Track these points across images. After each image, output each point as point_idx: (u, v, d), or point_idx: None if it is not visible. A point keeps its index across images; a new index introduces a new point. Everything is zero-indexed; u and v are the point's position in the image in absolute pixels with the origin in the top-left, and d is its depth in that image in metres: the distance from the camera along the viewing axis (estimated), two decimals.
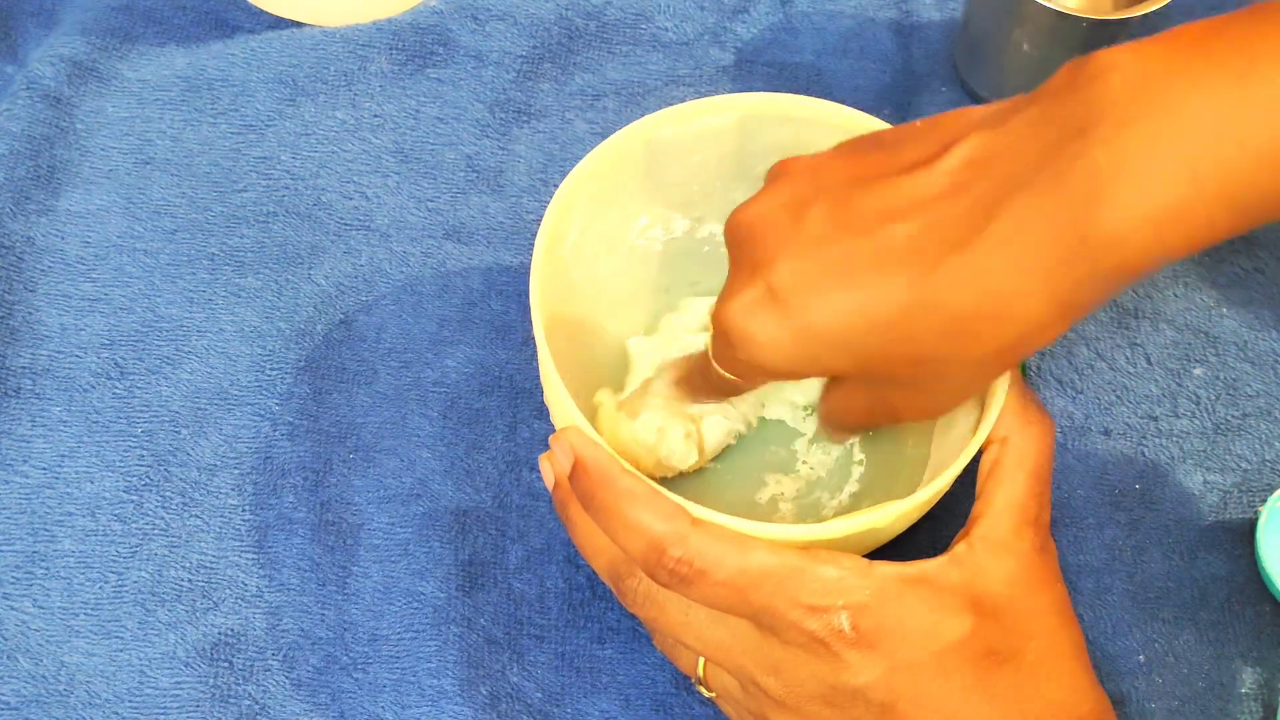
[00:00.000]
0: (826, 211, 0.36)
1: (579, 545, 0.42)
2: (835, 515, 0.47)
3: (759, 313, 0.36)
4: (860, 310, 0.35)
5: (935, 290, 0.34)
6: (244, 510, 0.50)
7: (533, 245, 0.50)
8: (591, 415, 0.47)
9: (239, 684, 0.47)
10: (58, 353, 0.53)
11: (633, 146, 0.47)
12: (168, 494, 0.51)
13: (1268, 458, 0.52)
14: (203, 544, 0.50)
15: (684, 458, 0.48)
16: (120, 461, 0.51)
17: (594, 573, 0.49)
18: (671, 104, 0.48)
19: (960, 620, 0.37)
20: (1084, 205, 0.32)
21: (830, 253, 0.35)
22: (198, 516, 0.50)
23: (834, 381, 0.42)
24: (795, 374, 0.38)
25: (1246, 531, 0.50)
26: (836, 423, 0.43)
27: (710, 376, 0.40)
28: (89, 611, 0.48)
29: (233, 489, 0.51)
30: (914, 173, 0.36)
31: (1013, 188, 0.33)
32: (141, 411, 0.52)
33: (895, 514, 0.40)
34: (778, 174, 0.39)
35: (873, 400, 0.40)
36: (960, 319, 0.34)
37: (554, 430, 0.41)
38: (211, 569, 0.49)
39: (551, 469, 0.41)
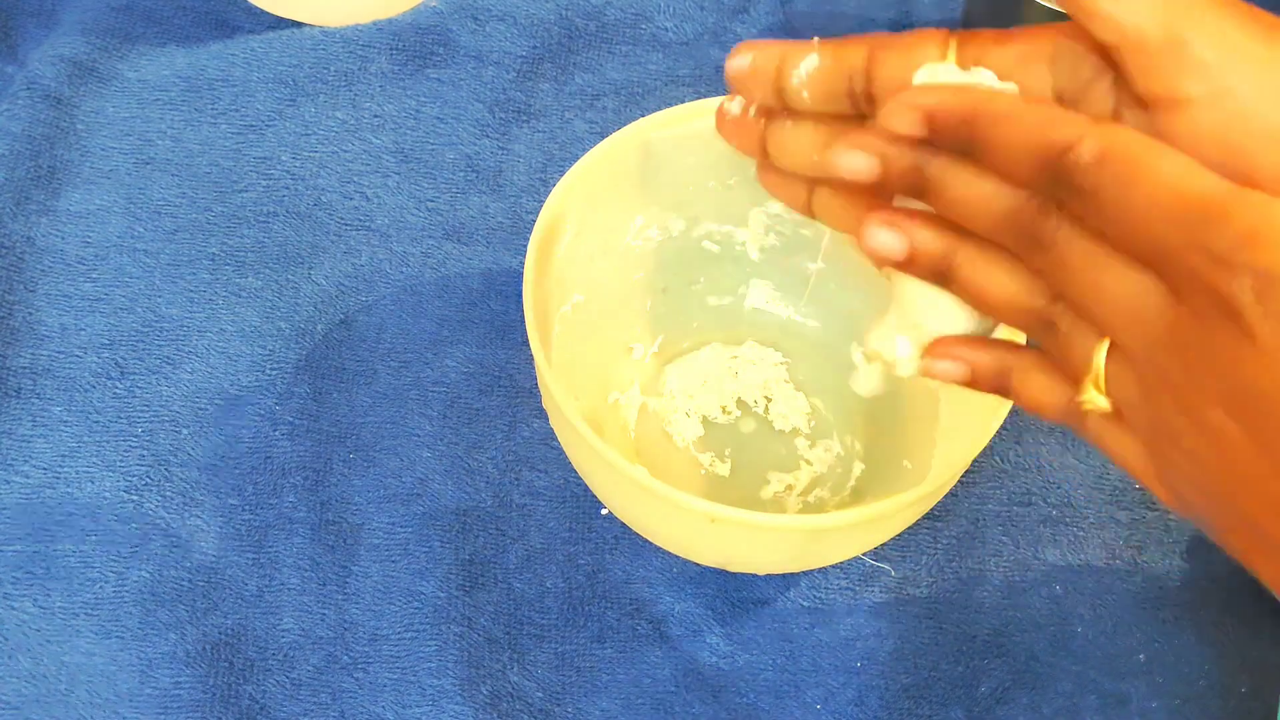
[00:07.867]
0: None
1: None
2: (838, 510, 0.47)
3: None
4: None
5: None
6: (244, 510, 0.50)
7: None
8: (591, 415, 0.48)
9: (239, 684, 0.47)
10: (58, 353, 0.53)
11: (629, 148, 0.48)
12: (168, 494, 0.51)
13: None
14: (203, 544, 0.50)
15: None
16: (120, 461, 0.51)
17: (594, 571, 0.49)
18: (671, 104, 0.49)
19: None
20: None
21: None
22: (198, 516, 0.50)
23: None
24: None
25: None
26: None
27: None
28: (89, 611, 0.48)
29: (233, 489, 0.51)
30: None
31: None
32: (141, 411, 0.52)
33: (899, 505, 0.40)
34: None
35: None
36: None
37: (553, 430, 0.41)
38: (211, 569, 0.49)
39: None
